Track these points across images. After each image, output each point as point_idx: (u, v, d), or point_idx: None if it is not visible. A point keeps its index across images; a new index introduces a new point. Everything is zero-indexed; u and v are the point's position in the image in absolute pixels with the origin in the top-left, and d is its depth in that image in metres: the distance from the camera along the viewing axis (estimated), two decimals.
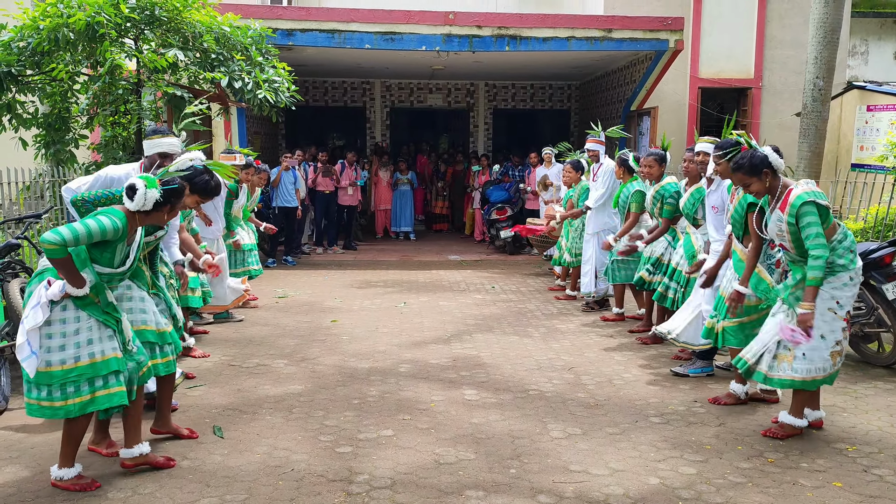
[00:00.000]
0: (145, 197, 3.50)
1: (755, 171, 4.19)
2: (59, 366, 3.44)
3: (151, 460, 3.85)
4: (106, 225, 3.41)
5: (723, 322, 4.88)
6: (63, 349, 3.45)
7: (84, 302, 3.51)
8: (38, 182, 7.27)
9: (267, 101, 7.60)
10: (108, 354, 3.54)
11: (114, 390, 3.55)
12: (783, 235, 4.17)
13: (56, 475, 3.63)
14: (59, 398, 3.46)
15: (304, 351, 6.20)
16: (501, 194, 12.51)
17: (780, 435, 4.30)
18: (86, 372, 3.47)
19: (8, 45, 6.91)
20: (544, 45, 11.11)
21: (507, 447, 4.18)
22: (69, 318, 3.48)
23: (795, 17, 13.77)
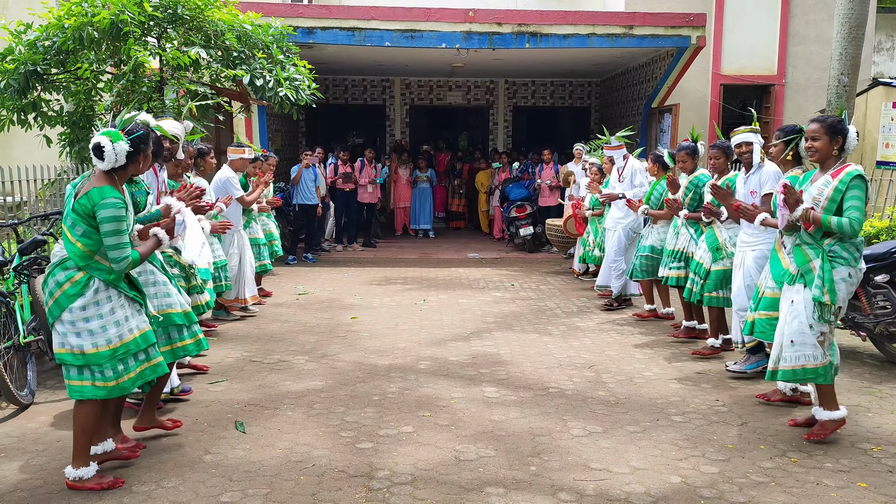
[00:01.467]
0: (115, 151, 3.47)
1: (834, 131, 4.19)
2: (105, 346, 3.51)
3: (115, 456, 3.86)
4: (117, 213, 3.42)
5: (754, 314, 4.77)
6: (105, 329, 3.52)
7: (116, 279, 3.56)
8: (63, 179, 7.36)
9: (288, 99, 7.63)
10: (144, 328, 3.67)
11: (156, 361, 3.71)
12: (819, 200, 4.12)
13: (74, 475, 3.56)
14: (111, 377, 3.54)
15: (325, 347, 6.23)
16: (521, 192, 12.48)
17: (825, 434, 4.21)
18: (131, 347, 3.58)
19: (34, 44, 6.99)
20: (565, 42, 11.06)
21: (528, 444, 4.18)
22: (102, 300, 3.53)
23: (820, 13, 13.60)
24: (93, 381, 3.52)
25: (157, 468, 3.82)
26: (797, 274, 4.24)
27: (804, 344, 4.17)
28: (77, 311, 3.48)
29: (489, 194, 14.38)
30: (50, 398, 4.94)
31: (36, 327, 5.06)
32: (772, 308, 4.62)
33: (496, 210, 13.87)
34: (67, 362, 3.51)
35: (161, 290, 4.14)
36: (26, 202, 6.72)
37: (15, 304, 4.97)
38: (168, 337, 4.19)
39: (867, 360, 5.93)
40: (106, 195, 3.42)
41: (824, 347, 4.18)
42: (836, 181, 4.09)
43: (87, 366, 3.51)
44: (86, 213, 3.43)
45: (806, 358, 4.17)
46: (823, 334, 4.17)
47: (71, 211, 3.47)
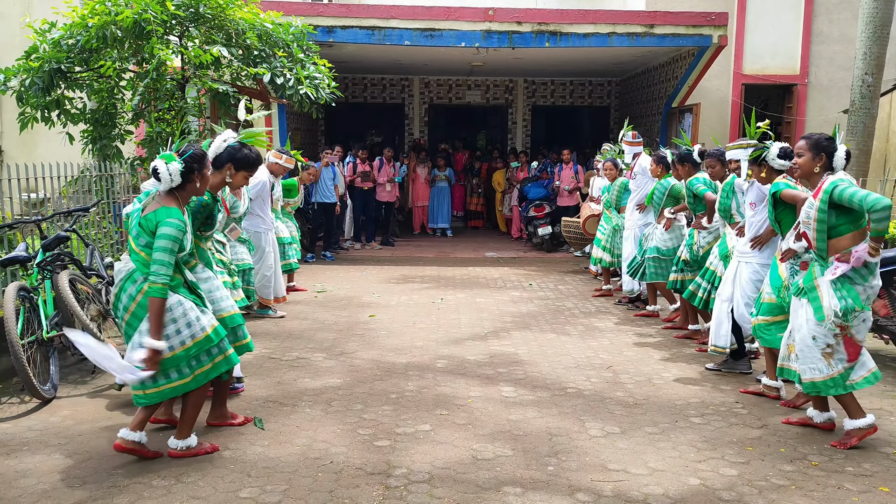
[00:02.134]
0: (169, 172, 3.70)
1: (817, 148, 4.20)
2: (180, 347, 3.76)
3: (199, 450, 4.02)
4: (175, 233, 3.66)
5: (755, 318, 4.89)
6: (179, 332, 3.76)
7: (175, 286, 3.79)
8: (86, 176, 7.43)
9: (308, 98, 7.66)
10: (214, 324, 3.93)
11: (229, 353, 3.99)
12: (809, 223, 4.14)
13: (182, 445, 3.90)
14: (187, 374, 3.81)
15: (343, 345, 6.25)
16: (539, 191, 12.45)
17: (850, 443, 4.16)
18: (203, 345, 3.83)
19: (58, 42, 7.06)
20: (585, 41, 11.03)
21: (545, 444, 4.17)
22: (174, 305, 3.76)
23: (844, 12, 13.45)
24: (168, 382, 3.78)
25: (176, 463, 3.85)
26: (804, 289, 4.25)
27: (809, 357, 4.19)
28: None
29: (506, 194, 14.36)
30: (72, 392, 5.00)
31: (58, 322, 5.12)
32: (769, 313, 4.76)
33: (514, 209, 13.84)
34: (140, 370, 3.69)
35: (216, 295, 4.31)
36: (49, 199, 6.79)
37: (38, 300, 5.04)
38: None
39: (890, 363, 5.86)
40: (171, 216, 3.68)
41: (831, 360, 4.13)
42: (817, 202, 4.08)
43: (164, 370, 3.74)
44: (149, 230, 3.69)
45: (812, 371, 4.18)
46: (830, 346, 4.13)
47: (137, 224, 3.74)
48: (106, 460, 3.89)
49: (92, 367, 5.48)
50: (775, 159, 4.84)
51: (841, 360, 4.13)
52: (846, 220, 4.06)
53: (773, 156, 4.85)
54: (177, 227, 3.67)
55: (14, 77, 7.07)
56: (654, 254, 7.04)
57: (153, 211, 3.71)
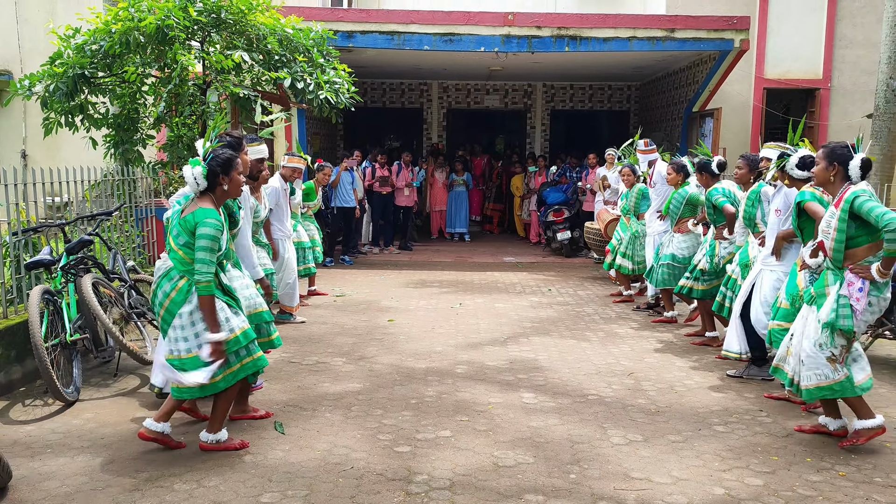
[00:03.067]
0: (194, 175, 3.84)
1: (831, 157, 4.18)
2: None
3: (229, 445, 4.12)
4: (212, 233, 3.79)
5: (771, 322, 4.87)
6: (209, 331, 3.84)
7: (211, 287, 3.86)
8: (108, 180, 7.49)
9: (328, 102, 7.69)
10: (244, 326, 4.02)
11: (257, 355, 4.08)
12: (828, 232, 4.12)
13: (212, 439, 4.01)
14: (217, 374, 3.88)
15: (362, 350, 6.25)
16: (558, 196, 12.39)
17: (859, 441, 4.19)
18: (232, 346, 3.91)
19: (81, 48, 7.14)
20: (605, 45, 10.98)
21: (567, 452, 4.13)
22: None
23: (868, 16, 13.29)
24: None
25: (198, 468, 3.86)
26: (814, 296, 4.25)
27: (814, 364, 4.19)
28: (186, 316, 3.85)
29: (524, 198, 14.32)
30: (94, 395, 5.03)
31: (82, 325, 5.16)
32: (785, 319, 4.74)
33: (532, 214, 13.80)
34: (175, 367, 3.88)
35: (245, 293, 4.46)
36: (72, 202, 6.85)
37: (62, 303, 5.08)
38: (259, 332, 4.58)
39: None
40: (209, 216, 3.81)
41: (837, 365, 4.15)
42: (838, 211, 4.06)
43: (194, 368, 3.83)
44: (188, 230, 3.82)
45: (818, 377, 4.20)
46: (834, 355, 4.15)
47: (178, 224, 3.87)
48: (128, 463, 3.91)
49: (114, 370, 5.52)
50: (794, 168, 4.80)
51: (845, 364, 4.17)
52: (865, 232, 4.05)
53: (792, 165, 4.81)
54: (214, 226, 3.80)
55: (39, 82, 7.15)
56: (668, 260, 7.00)
57: (191, 212, 3.84)
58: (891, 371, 5.76)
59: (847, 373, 4.16)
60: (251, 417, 4.54)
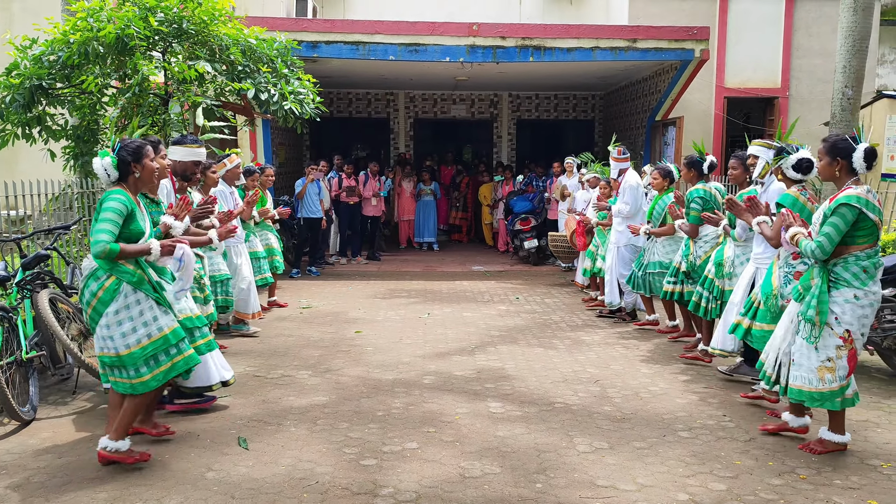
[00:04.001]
0: (104, 166, 3.87)
1: (832, 152, 4.15)
2: (136, 345, 3.86)
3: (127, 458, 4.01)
4: (114, 205, 3.78)
5: (753, 323, 4.88)
6: (135, 331, 3.87)
7: (138, 282, 3.88)
8: (67, 193, 7.36)
9: (292, 113, 7.64)
10: (172, 325, 3.99)
11: (187, 353, 4.04)
12: (816, 227, 4.14)
13: (112, 446, 3.89)
14: (146, 372, 3.89)
15: (328, 362, 6.20)
16: (525, 205, 12.45)
17: (819, 451, 4.21)
18: (159, 345, 3.91)
19: (39, 58, 7.01)
20: (568, 55, 11.08)
21: (533, 461, 4.13)
22: (132, 304, 3.87)
23: (823, 26, 13.61)
24: (129, 378, 3.89)
25: (158, 486, 3.78)
26: (803, 290, 4.25)
27: (803, 366, 4.17)
28: (112, 315, 3.84)
29: (493, 207, 14.37)
30: (52, 414, 4.91)
31: (38, 343, 5.04)
32: (764, 321, 4.77)
33: (500, 223, 13.85)
34: (106, 363, 3.91)
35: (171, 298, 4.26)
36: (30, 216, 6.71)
37: (17, 320, 4.96)
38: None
39: (875, 374, 5.88)
40: (114, 193, 3.81)
41: (827, 374, 4.09)
42: (826, 208, 4.08)
43: (123, 366, 3.86)
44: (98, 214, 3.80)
45: (802, 380, 4.17)
46: (830, 359, 4.10)
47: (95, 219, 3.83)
48: (87, 483, 3.82)
49: (73, 388, 5.40)
50: (789, 168, 4.78)
51: (841, 376, 4.09)
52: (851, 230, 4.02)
53: (788, 165, 4.77)
54: (119, 200, 3.79)
55: None
56: (657, 269, 7.00)
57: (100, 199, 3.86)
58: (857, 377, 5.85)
59: (836, 387, 4.08)
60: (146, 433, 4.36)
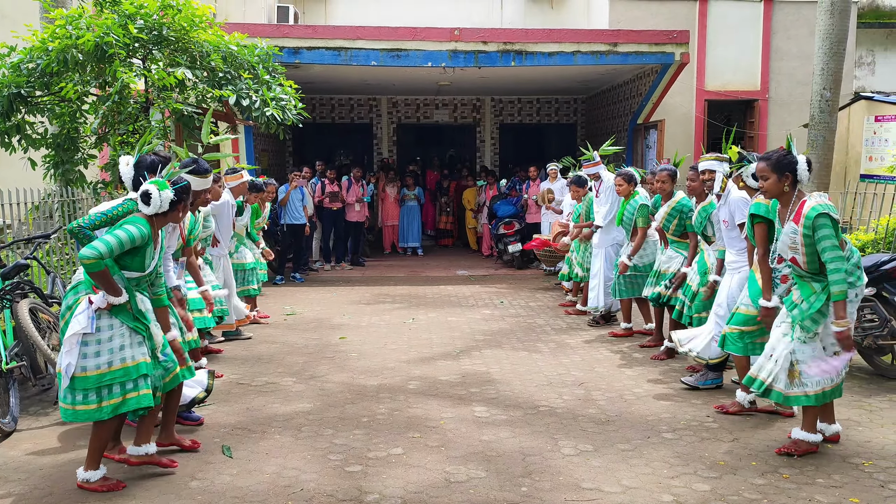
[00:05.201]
0: (160, 199, 3.77)
1: (779, 168, 4.16)
2: (94, 370, 3.65)
3: (156, 461, 4.03)
4: (133, 233, 3.66)
5: (726, 327, 4.91)
6: (98, 355, 3.67)
7: (117, 309, 3.72)
8: (47, 202, 7.30)
9: (274, 119, 7.62)
10: (138, 359, 3.75)
11: (142, 392, 3.76)
12: (797, 248, 4.08)
13: (83, 477, 3.78)
14: (93, 401, 3.67)
15: (313, 368, 6.18)
16: (509, 209, 12.49)
17: (796, 452, 4.25)
18: (118, 376, 3.68)
19: (17, 66, 6.96)
20: (550, 59, 11.14)
21: (518, 465, 4.14)
22: (104, 327, 3.70)
23: (801, 29, 13.78)
24: (73, 404, 3.66)
25: (141, 496, 3.76)
26: (800, 302, 4.22)
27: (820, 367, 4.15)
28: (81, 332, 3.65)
29: (476, 212, 14.40)
30: (33, 425, 4.86)
31: (19, 353, 4.98)
32: (744, 324, 4.77)
33: (484, 227, 13.88)
34: (59, 382, 3.69)
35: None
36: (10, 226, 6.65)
37: None
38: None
39: (856, 373, 5.94)
40: (138, 221, 3.71)
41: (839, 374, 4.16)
42: (800, 227, 4.03)
43: (73, 388, 3.64)
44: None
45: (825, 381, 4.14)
46: (837, 353, 4.16)
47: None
48: (68, 494, 3.78)
49: (54, 399, 5.34)
50: (749, 178, 4.89)
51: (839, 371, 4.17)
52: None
53: (748, 174, 4.90)
54: (139, 230, 3.67)
55: None
56: (630, 271, 7.03)
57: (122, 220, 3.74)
58: None
59: (843, 376, 4.17)
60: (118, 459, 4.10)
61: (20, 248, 6.26)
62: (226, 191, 6.86)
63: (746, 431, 4.65)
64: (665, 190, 6.39)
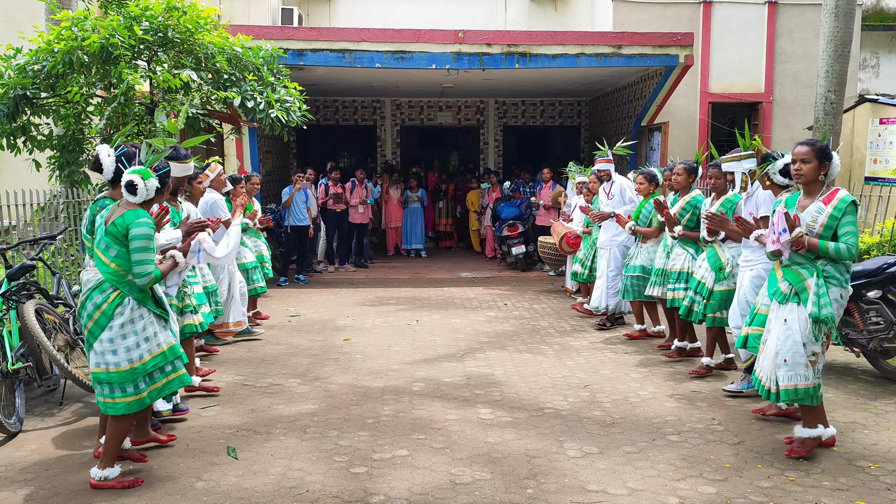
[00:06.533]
0: (146, 187, 3.87)
1: (822, 155, 4.26)
2: (138, 361, 3.84)
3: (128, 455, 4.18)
4: (148, 232, 3.81)
5: (747, 328, 4.85)
6: (138, 346, 3.85)
7: (143, 299, 3.89)
8: (53, 203, 7.31)
9: (279, 121, 7.63)
10: (170, 341, 4.00)
11: (181, 372, 4.03)
12: (813, 226, 4.17)
13: (100, 475, 3.84)
14: (143, 388, 3.88)
15: (317, 370, 6.18)
16: (512, 211, 12.49)
17: (804, 452, 4.23)
18: (158, 361, 3.91)
19: (23, 68, 6.97)
20: (554, 61, 11.13)
21: (524, 467, 4.14)
22: (136, 318, 3.86)
23: (805, 31, 13.76)
24: (125, 396, 3.84)
25: (147, 496, 3.76)
26: (790, 293, 4.24)
27: (797, 364, 4.18)
28: (117, 328, 3.81)
29: (480, 213, 14.40)
30: (39, 426, 4.87)
31: (25, 354, 4.99)
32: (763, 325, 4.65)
33: (488, 229, 13.87)
34: (103, 380, 3.83)
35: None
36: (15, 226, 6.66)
37: (3, 331, 4.91)
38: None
39: (861, 376, 5.93)
40: (139, 216, 3.82)
41: (815, 368, 4.19)
42: (829, 208, 4.13)
43: (121, 382, 3.82)
44: (121, 235, 3.79)
45: (798, 378, 4.18)
46: (815, 354, 4.18)
47: (105, 235, 3.82)
48: (74, 495, 3.79)
49: (59, 400, 5.35)
50: (776, 174, 4.86)
51: (819, 370, 4.20)
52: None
53: (775, 170, 4.86)
54: (148, 225, 3.82)
55: None
56: (638, 272, 7.01)
57: (120, 216, 3.82)
58: (836, 376, 5.91)
59: (819, 380, 4.19)
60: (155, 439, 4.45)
61: (26, 249, 6.27)
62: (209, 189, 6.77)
63: (752, 434, 4.64)
64: (680, 184, 6.41)
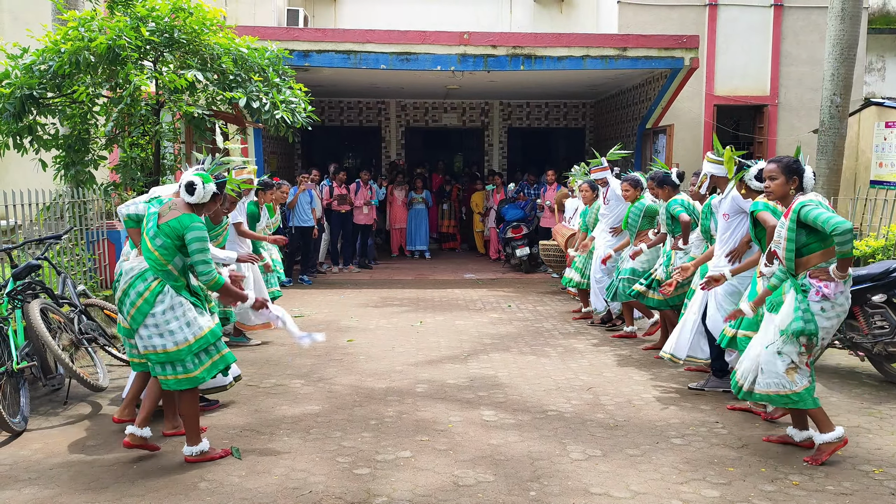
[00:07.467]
0: (204, 190, 4.11)
1: (789, 171, 4.25)
2: (184, 343, 4.07)
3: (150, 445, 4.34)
4: (202, 234, 4.05)
5: (731, 330, 4.95)
6: (182, 329, 4.08)
7: (179, 287, 4.12)
8: (58, 203, 7.33)
9: (284, 122, 7.64)
10: (211, 325, 4.22)
11: (224, 352, 4.26)
12: (779, 242, 4.22)
13: (195, 451, 4.16)
14: (194, 368, 4.12)
15: (321, 371, 6.19)
16: (517, 213, 12.49)
17: (823, 458, 4.19)
18: (207, 339, 4.15)
19: (30, 67, 7.00)
20: (559, 64, 11.14)
21: (527, 469, 4.14)
22: (175, 305, 4.09)
23: (811, 34, 13.74)
24: (175, 374, 4.09)
25: (151, 496, 3.77)
26: (774, 304, 4.32)
27: (772, 373, 4.23)
28: (159, 315, 4.05)
29: (484, 215, 14.40)
30: (43, 425, 4.88)
31: (29, 353, 5.01)
32: (749, 328, 4.79)
33: (492, 231, 13.87)
34: (153, 361, 4.11)
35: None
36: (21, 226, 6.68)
37: (8, 330, 4.93)
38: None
39: (866, 380, 5.91)
40: (195, 220, 4.06)
41: (795, 375, 4.17)
42: (787, 221, 4.15)
43: (171, 362, 4.07)
44: (174, 234, 4.04)
45: (774, 386, 4.23)
46: (794, 363, 4.18)
47: (157, 227, 4.07)
48: (78, 495, 3.80)
49: (64, 398, 5.36)
50: (752, 180, 4.91)
51: (804, 374, 4.20)
52: (816, 239, 4.13)
53: (751, 176, 4.92)
54: (201, 228, 4.06)
55: None
56: (628, 274, 7.07)
57: (175, 218, 4.05)
58: (840, 380, 5.90)
59: (808, 383, 4.19)
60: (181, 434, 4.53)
61: (31, 248, 6.29)
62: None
63: (756, 437, 4.63)
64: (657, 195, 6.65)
